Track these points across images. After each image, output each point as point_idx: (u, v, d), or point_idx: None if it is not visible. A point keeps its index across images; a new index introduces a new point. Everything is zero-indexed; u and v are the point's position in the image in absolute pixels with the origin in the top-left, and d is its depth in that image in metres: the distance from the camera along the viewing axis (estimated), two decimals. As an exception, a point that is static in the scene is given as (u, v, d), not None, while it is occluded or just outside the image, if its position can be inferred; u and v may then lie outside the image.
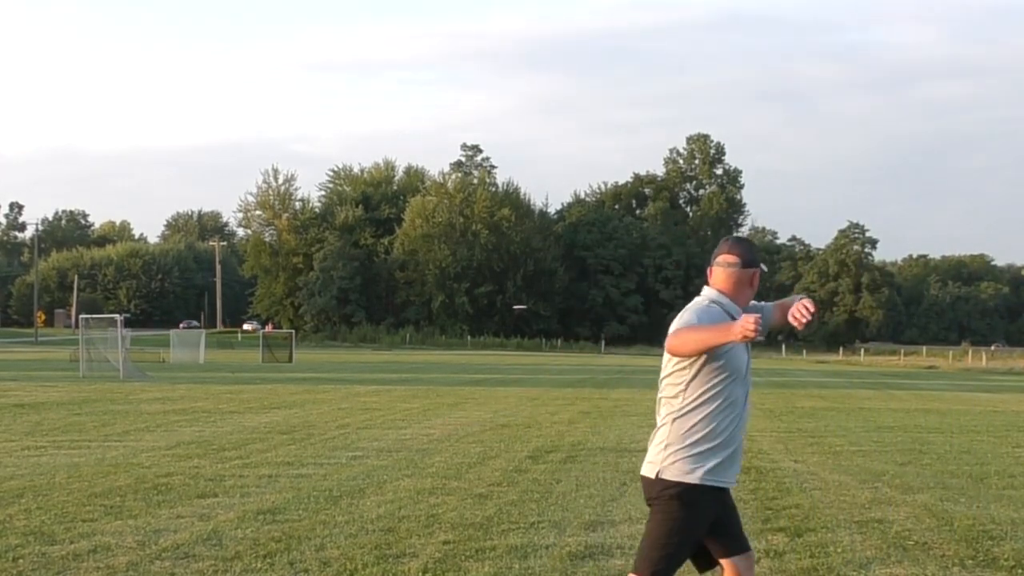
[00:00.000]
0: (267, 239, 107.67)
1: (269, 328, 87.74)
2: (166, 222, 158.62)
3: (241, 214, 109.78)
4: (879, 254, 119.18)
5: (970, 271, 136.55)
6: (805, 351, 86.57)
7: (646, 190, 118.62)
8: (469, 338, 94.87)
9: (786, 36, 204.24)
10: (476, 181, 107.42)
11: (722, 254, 4.41)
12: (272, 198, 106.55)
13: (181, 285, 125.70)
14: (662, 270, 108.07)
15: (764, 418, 18.25)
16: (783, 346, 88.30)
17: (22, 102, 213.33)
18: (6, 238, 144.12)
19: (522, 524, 7.95)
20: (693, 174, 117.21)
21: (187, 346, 51.99)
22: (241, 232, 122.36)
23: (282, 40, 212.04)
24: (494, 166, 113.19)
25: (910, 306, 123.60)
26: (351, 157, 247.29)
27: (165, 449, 12.63)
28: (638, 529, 7.80)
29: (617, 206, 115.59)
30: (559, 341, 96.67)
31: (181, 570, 6.44)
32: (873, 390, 32.04)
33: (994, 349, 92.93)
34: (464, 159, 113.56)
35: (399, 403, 21.31)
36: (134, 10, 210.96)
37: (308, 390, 25.57)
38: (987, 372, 60.08)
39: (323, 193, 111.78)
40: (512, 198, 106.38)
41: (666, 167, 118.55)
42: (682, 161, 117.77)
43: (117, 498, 8.92)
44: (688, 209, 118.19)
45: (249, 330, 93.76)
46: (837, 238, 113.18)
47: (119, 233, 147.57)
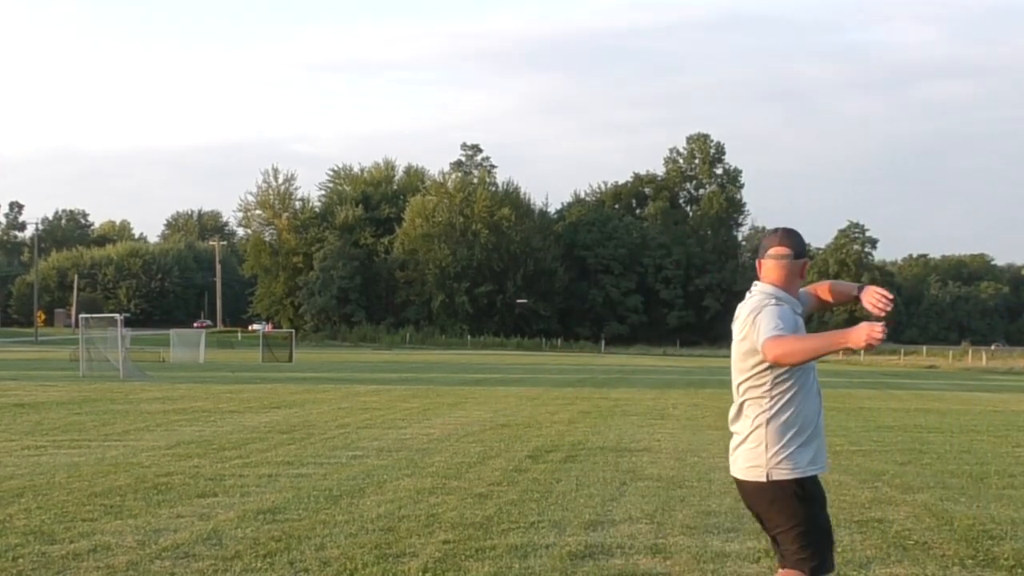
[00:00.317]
0: (267, 239, 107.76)
1: (269, 328, 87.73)
2: (166, 222, 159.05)
3: (241, 214, 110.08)
4: (879, 254, 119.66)
5: (970, 271, 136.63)
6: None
7: (646, 190, 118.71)
8: (469, 338, 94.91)
9: (786, 36, 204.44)
10: (476, 181, 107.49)
11: (773, 246, 4.38)
12: (272, 198, 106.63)
13: (181, 285, 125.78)
14: (662, 270, 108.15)
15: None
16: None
17: (22, 102, 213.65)
18: (6, 238, 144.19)
19: (522, 524, 7.94)
20: (693, 174, 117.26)
21: (187, 346, 51.97)
22: (241, 232, 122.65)
23: (282, 40, 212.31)
24: (494, 166, 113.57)
25: (910, 306, 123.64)
26: (351, 157, 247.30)
27: (165, 449, 12.63)
28: (638, 529, 7.80)
29: (617, 206, 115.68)
30: (559, 341, 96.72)
31: (181, 570, 6.44)
32: (873, 390, 32.02)
33: (994, 349, 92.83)
34: (464, 159, 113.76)
35: (399, 403, 21.30)
36: (134, 10, 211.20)
37: (308, 390, 25.55)
38: (987, 372, 60.06)
39: (323, 193, 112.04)
40: (512, 198, 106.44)
41: (666, 167, 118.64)
42: (682, 161, 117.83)
43: (117, 498, 8.91)
44: (688, 209, 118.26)
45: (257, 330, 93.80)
46: (837, 238, 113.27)
47: (119, 233, 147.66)
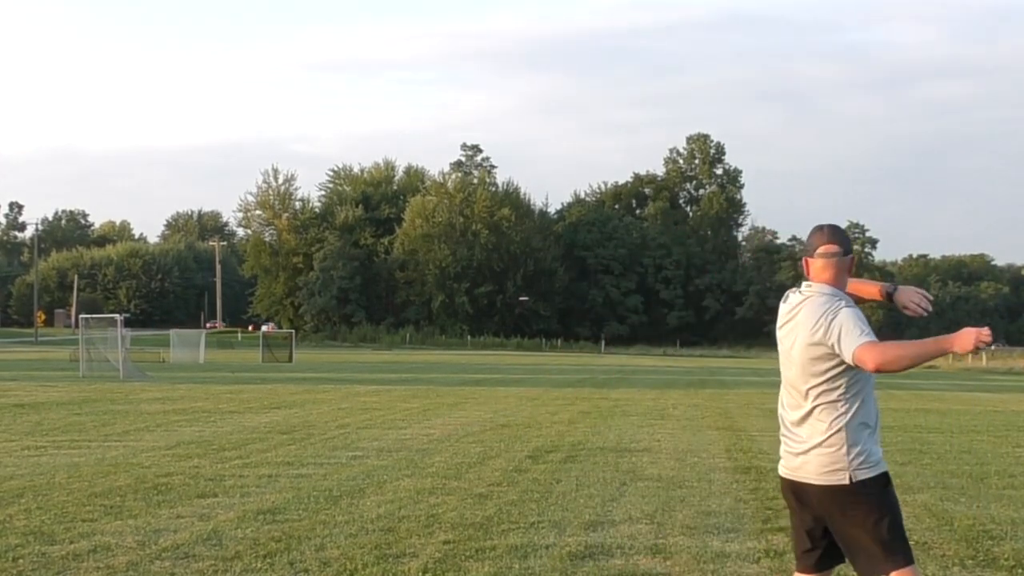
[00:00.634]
0: (267, 239, 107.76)
1: (269, 328, 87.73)
2: (166, 222, 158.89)
3: (241, 214, 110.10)
4: (879, 254, 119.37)
5: (970, 271, 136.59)
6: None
7: (646, 190, 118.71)
8: (469, 338, 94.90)
9: (786, 36, 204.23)
10: (476, 181, 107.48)
11: (822, 244, 4.34)
12: (272, 198, 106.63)
13: (181, 285, 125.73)
14: (662, 270, 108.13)
15: (764, 418, 18.24)
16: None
17: (22, 102, 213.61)
18: (6, 238, 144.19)
19: (522, 524, 7.94)
20: (693, 174, 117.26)
21: (187, 346, 51.96)
22: (241, 232, 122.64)
23: (282, 40, 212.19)
24: (494, 166, 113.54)
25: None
26: (351, 157, 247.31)
27: (165, 449, 12.63)
28: (638, 529, 7.80)
29: (617, 206, 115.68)
30: (559, 341, 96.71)
31: (181, 570, 6.44)
32: (873, 390, 31.99)
33: (994, 349, 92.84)
34: (464, 159, 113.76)
35: (399, 403, 21.30)
36: (134, 10, 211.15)
37: (308, 390, 25.56)
38: (987, 372, 60.09)
39: (323, 193, 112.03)
40: (512, 198, 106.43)
41: (666, 167, 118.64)
42: (682, 161, 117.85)
43: (117, 498, 8.92)
44: (688, 209, 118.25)
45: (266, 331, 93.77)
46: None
47: (119, 233, 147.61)
